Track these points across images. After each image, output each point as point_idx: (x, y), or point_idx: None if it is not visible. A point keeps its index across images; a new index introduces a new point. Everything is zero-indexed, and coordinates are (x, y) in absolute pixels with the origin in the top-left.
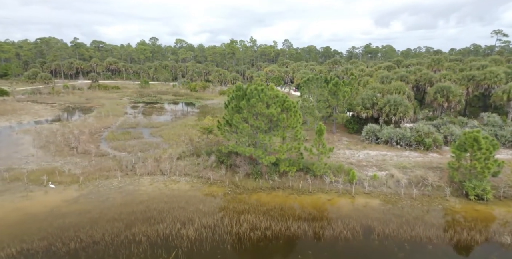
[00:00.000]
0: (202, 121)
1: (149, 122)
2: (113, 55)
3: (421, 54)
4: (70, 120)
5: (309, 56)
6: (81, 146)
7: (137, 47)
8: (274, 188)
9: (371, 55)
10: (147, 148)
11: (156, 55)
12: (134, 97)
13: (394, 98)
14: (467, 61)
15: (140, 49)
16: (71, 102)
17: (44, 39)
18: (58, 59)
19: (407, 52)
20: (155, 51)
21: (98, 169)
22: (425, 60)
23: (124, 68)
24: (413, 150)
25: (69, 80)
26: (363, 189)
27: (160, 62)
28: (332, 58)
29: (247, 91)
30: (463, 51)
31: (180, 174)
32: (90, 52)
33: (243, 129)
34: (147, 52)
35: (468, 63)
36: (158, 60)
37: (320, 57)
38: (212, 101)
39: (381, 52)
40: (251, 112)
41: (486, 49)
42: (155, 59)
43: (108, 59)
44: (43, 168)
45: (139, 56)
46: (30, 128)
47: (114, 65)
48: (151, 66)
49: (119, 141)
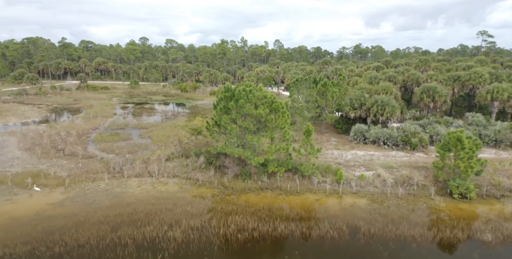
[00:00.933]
0: (192, 122)
1: (139, 123)
2: (102, 55)
3: (409, 55)
4: (58, 121)
5: (300, 56)
6: (68, 148)
7: (126, 47)
8: (262, 188)
9: (361, 56)
10: (135, 150)
11: (146, 55)
12: (123, 98)
13: (381, 98)
14: (453, 61)
15: (130, 49)
16: (58, 103)
17: (31, 39)
18: (46, 60)
19: (396, 53)
20: (145, 51)
21: (85, 171)
22: (413, 61)
23: (114, 68)
24: (400, 149)
25: (57, 81)
26: (350, 189)
27: (150, 63)
28: (322, 58)
29: (236, 92)
30: (451, 51)
31: (168, 175)
32: (78, 52)
33: (232, 130)
34: (137, 52)
35: (454, 64)
36: (148, 61)
37: (311, 58)
38: (202, 102)
39: (371, 53)
40: (239, 113)
41: (473, 50)
42: (145, 59)
43: (97, 60)
44: (28, 170)
45: (129, 56)
46: (15, 130)
47: (103, 66)
48: (141, 67)
49: (107, 143)
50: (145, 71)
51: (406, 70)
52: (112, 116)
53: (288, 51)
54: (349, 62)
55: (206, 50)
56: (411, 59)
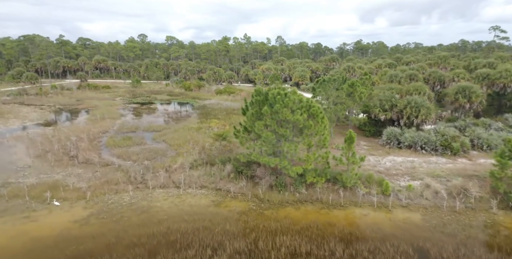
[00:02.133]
0: (204, 123)
1: (149, 125)
2: (100, 53)
3: (411, 50)
4: (64, 124)
5: (300, 53)
6: (82, 155)
7: (126, 44)
8: (301, 201)
9: (362, 52)
10: (153, 156)
11: (146, 53)
12: (127, 98)
13: (415, 99)
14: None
15: (129, 47)
16: (61, 104)
17: (28, 36)
18: (44, 58)
19: (396, 48)
20: (144, 48)
21: (105, 181)
22: (420, 57)
23: (114, 66)
24: (440, 155)
25: (55, 80)
26: (399, 201)
27: (151, 60)
28: (323, 54)
29: (269, 96)
30: (451, 47)
31: (195, 186)
32: (77, 50)
33: (267, 137)
34: (136, 49)
35: (471, 61)
36: (148, 58)
37: (311, 54)
38: (210, 101)
39: (372, 49)
40: (274, 119)
41: (473, 45)
42: (145, 57)
43: (96, 57)
44: (43, 181)
45: (129, 54)
46: (21, 134)
47: (103, 64)
48: (141, 64)
49: (121, 148)
50: (146, 69)
51: (421, 67)
52: (119, 117)
53: (287, 48)
54: (356, 59)
55: (209, 47)
56: (418, 56)
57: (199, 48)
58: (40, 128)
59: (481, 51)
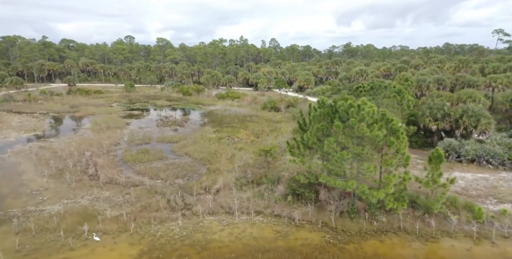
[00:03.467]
0: (224, 133)
1: (162, 135)
2: (85, 55)
3: (398, 53)
4: (66, 134)
5: (290, 55)
6: (102, 173)
7: (114, 46)
8: (382, 231)
9: (351, 54)
10: (183, 173)
11: (135, 56)
12: (123, 103)
13: (472, 108)
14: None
15: (118, 49)
16: (54, 111)
17: (8, 37)
18: (29, 61)
19: (383, 51)
20: (133, 51)
21: (143, 207)
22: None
23: (103, 69)
24: (509, 170)
25: (40, 84)
26: (498, 231)
27: (143, 63)
28: (312, 57)
29: (339, 109)
30: (435, 50)
31: (248, 211)
32: (66, 53)
33: (342, 156)
34: (125, 52)
35: (485, 64)
36: (138, 61)
37: (300, 56)
38: (215, 107)
39: (361, 51)
40: (347, 135)
41: (457, 48)
42: (133, 59)
43: (83, 60)
44: (70, 209)
45: (117, 56)
46: (22, 147)
47: (91, 67)
48: (132, 67)
49: (142, 164)
50: (138, 72)
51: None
52: (125, 126)
53: (276, 50)
54: (356, 62)
55: (205, 50)
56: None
57: (190, 51)
58: (41, 140)
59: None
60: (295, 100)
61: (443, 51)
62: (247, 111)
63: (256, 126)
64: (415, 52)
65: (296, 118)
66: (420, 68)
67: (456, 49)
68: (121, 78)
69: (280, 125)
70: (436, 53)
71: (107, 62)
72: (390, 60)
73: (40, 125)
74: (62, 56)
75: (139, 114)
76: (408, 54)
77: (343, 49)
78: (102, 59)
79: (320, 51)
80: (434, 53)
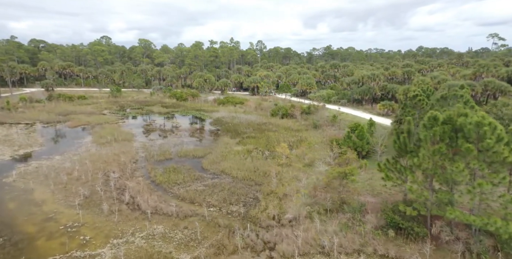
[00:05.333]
0: (250, 145)
1: (181, 149)
2: (57, 56)
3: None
4: (70, 150)
5: (274, 57)
6: (141, 200)
7: (91, 48)
8: None
9: (332, 57)
10: (232, 197)
11: (113, 58)
12: (115, 110)
13: None
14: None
15: (97, 50)
16: (41, 121)
17: None
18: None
19: (359, 54)
20: (111, 52)
21: (214, 248)
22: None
23: (82, 73)
24: None
25: (11, 89)
26: None
27: (129, 65)
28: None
29: (463, 127)
30: (409, 53)
31: (347, 251)
32: (44, 55)
33: (482, 185)
34: (105, 53)
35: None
36: (115, 63)
37: (281, 59)
38: (220, 114)
39: (341, 54)
40: (480, 160)
41: (428, 51)
42: (112, 61)
43: (60, 63)
44: (126, 252)
45: (96, 58)
46: (26, 168)
47: (68, 69)
48: (114, 70)
49: (178, 186)
50: (122, 75)
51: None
52: (132, 138)
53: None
54: (351, 65)
55: (197, 52)
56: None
57: (172, 53)
58: (44, 157)
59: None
60: (314, 106)
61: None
62: (256, 118)
63: (278, 136)
64: (389, 55)
65: (317, 126)
66: (423, 72)
67: (428, 52)
68: (103, 82)
69: (303, 134)
70: (408, 56)
71: (83, 64)
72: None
73: (34, 139)
74: (32, 58)
75: (141, 123)
76: (386, 57)
77: (323, 52)
78: (77, 61)
79: (300, 54)
80: (402, 56)
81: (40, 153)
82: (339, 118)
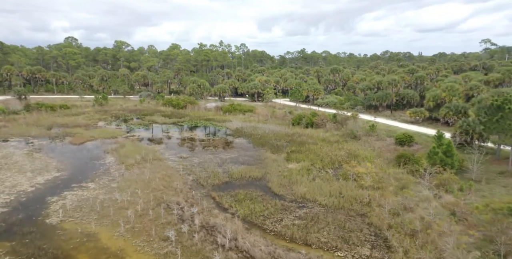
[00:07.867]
0: (303, 162)
1: (229, 169)
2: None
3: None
4: (98, 175)
5: (251, 60)
6: (246, 244)
7: (60, 50)
8: None
9: (307, 61)
10: (345, 235)
11: (85, 61)
12: (111, 121)
13: None
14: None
15: (69, 53)
16: (34, 137)
17: None
18: None
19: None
20: (83, 55)
21: None
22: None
23: (55, 78)
24: None
25: None
26: None
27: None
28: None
29: None
30: (374, 57)
31: None
32: (13, 56)
33: None
34: (78, 57)
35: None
36: (88, 67)
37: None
38: (234, 124)
39: (316, 57)
40: None
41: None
42: (86, 65)
43: (28, 67)
44: None
45: (69, 61)
46: (65, 202)
47: (39, 75)
48: (92, 75)
49: (268, 220)
50: (102, 81)
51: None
52: (160, 156)
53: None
54: (345, 70)
55: (188, 56)
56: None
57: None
58: (74, 186)
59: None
60: (339, 115)
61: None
62: (278, 128)
63: (323, 149)
64: (358, 58)
65: (357, 137)
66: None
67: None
68: (78, 88)
69: (346, 146)
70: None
71: (51, 69)
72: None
73: (44, 161)
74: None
75: (154, 138)
76: (356, 60)
77: (297, 55)
78: (42, 64)
79: (273, 57)
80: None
81: (66, 180)
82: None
